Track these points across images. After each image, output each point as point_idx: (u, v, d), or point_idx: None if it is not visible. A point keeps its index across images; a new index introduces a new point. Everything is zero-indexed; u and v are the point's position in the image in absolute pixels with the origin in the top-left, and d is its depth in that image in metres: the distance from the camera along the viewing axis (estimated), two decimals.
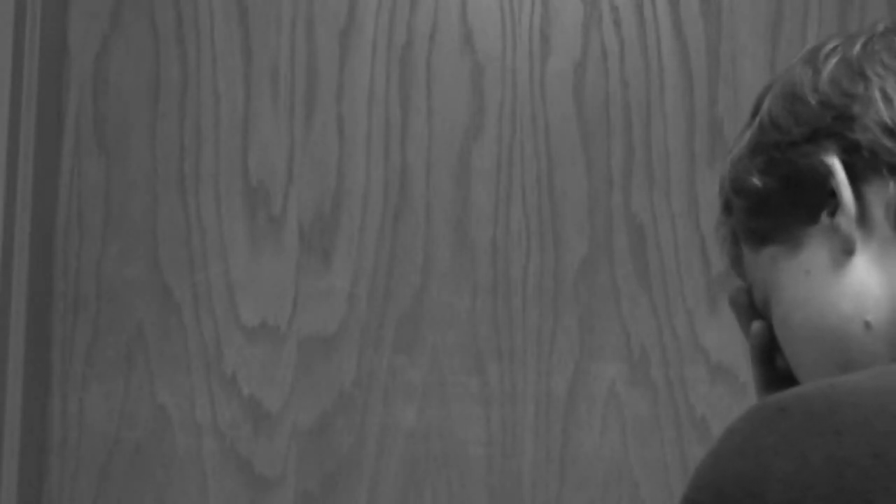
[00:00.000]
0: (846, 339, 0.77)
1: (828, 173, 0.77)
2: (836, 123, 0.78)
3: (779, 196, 0.80)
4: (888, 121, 0.76)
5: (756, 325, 0.88)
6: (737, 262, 0.89)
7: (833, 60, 0.80)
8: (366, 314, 1.54)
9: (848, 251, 0.77)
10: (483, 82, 1.57)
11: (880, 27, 0.81)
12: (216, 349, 1.54)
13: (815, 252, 0.79)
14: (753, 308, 0.89)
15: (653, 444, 1.51)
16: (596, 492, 1.50)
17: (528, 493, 1.51)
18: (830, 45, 0.82)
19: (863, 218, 0.77)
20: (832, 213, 0.78)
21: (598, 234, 1.54)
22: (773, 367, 0.90)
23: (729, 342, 1.51)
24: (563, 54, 1.57)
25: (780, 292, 0.82)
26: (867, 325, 0.76)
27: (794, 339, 0.80)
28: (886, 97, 0.77)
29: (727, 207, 0.87)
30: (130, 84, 1.59)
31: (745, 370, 1.50)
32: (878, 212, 0.76)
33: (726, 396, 1.51)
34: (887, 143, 0.76)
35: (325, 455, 1.52)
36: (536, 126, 1.56)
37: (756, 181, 0.81)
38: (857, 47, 0.80)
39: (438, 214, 1.55)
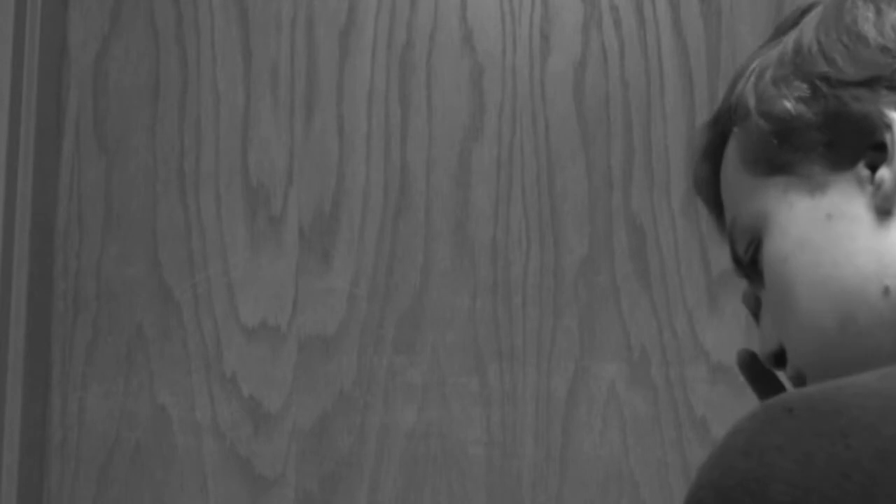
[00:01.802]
0: (858, 297, 0.74)
1: (883, 125, 0.74)
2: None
3: (814, 131, 0.77)
4: None
5: (742, 354, 0.87)
6: (705, 183, 0.86)
7: None
8: (366, 314, 1.54)
9: (886, 210, 0.74)
10: (483, 82, 1.57)
11: None
12: (216, 349, 1.54)
13: (842, 199, 0.75)
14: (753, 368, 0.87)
15: (653, 444, 1.51)
16: (596, 492, 1.50)
17: (528, 493, 1.51)
18: None
19: None
20: (872, 166, 0.75)
21: (598, 234, 1.54)
22: (771, 378, 0.89)
23: (729, 342, 1.51)
24: (563, 54, 1.57)
25: (787, 227, 0.78)
26: (886, 290, 0.73)
27: (793, 280, 0.77)
28: None
29: (724, 120, 0.83)
30: (130, 84, 1.59)
31: None
32: None
33: (726, 396, 1.51)
34: None
35: (325, 455, 1.52)
36: (536, 126, 1.56)
37: (790, 108, 0.77)
38: None
39: (438, 214, 1.55)
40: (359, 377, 1.53)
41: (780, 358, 0.83)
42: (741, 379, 1.51)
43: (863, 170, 0.75)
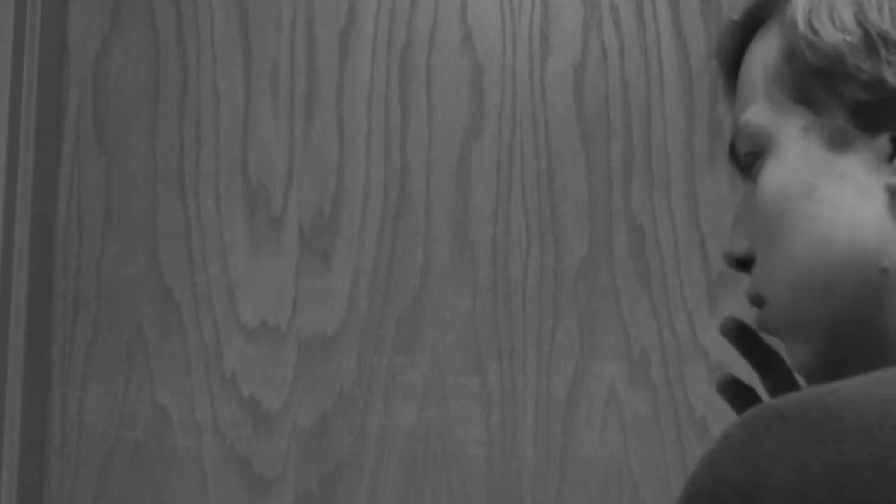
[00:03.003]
0: (851, 267, 0.73)
1: None
2: None
3: (857, 86, 0.74)
4: None
5: (726, 321, 0.86)
6: (729, 53, 0.83)
7: None
8: (366, 314, 1.54)
9: None
10: (483, 82, 1.57)
11: None
12: (216, 349, 1.54)
13: (860, 165, 0.73)
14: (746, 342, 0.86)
15: (653, 444, 1.51)
16: (596, 492, 1.50)
17: (528, 493, 1.51)
18: None
19: None
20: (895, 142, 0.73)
21: (598, 234, 1.54)
22: (765, 350, 0.88)
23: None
24: (563, 54, 1.57)
25: (797, 166, 0.76)
26: (885, 271, 0.72)
27: (788, 222, 0.76)
28: None
29: (772, 6, 0.79)
30: (130, 84, 1.59)
31: (746, 370, 1.50)
32: None
33: None
34: None
35: (325, 455, 1.52)
36: (536, 126, 1.56)
37: (842, 51, 0.74)
38: None
39: (438, 214, 1.55)
40: (359, 377, 1.53)
41: (743, 263, 0.82)
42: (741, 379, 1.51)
43: (886, 142, 0.73)
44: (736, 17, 0.82)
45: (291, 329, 1.54)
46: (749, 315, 0.86)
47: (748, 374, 1.10)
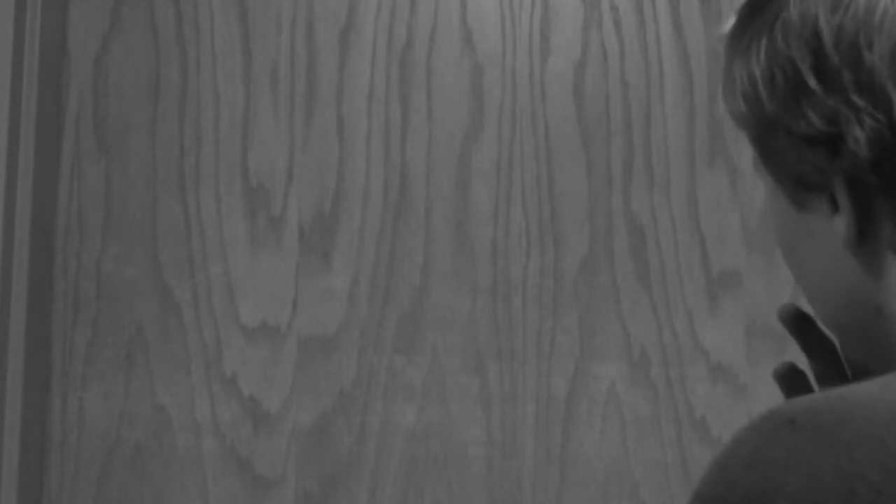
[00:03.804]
0: (854, 313, 0.74)
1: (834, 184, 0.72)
2: None
3: (789, 147, 0.72)
4: None
5: (784, 307, 0.84)
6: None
7: None
8: (366, 314, 1.54)
9: (850, 247, 0.72)
10: (483, 82, 1.57)
11: None
12: (216, 349, 1.54)
13: (819, 222, 0.73)
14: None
15: (653, 444, 1.51)
16: (596, 492, 1.50)
17: (528, 493, 1.50)
18: None
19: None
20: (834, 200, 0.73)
21: (598, 234, 1.54)
22: (818, 335, 0.86)
23: (729, 342, 1.51)
24: (563, 54, 1.57)
25: (780, 222, 0.76)
26: (879, 309, 0.72)
27: (797, 268, 0.76)
28: None
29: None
30: (130, 84, 1.59)
31: (745, 370, 1.50)
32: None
33: (726, 396, 1.51)
34: None
35: (325, 455, 1.52)
36: (536, 126, 1.56)
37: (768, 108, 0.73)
38: None
39: (438, 214, 1.55)
40: (359, 377, 1.53)
41: None
42: (741, 379, 1.51)
43: (827, 202, 0.72)
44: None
45: (291, 329, 1.54)
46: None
47: (748, 373, 1.10)
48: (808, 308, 0.81)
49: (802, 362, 0.84)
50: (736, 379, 1.50)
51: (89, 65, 1.59)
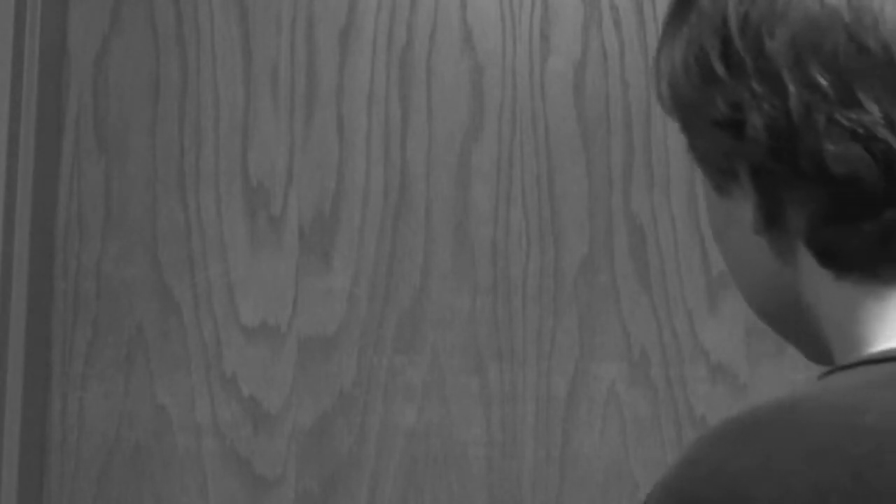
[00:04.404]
0: (779, 300, 0.74)
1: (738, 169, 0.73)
2: None
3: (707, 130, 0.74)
4: None
5: None
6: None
7: None
8: (366, 314, 1.54)
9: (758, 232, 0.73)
10: (483, 82, 1.57)
11: None
12: (216, 349, 1.54)
13: (737, 208, 0.74)
14: None
15: (653, 444, 1.51)
16: (596, 492, 1.50)
17: (528, 493, 1.51)
18: None
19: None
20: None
21: (598, 234, 1.54)
22: None
23: (729, 342, 1.51)
24: (563, 54, 1.57)
25: (709, 208, 0.77)
26: (798, 299, 0.73)
27: (725, 256, 0.77)
28: None
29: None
30: (130, 84, 1.59)
31: (745, 370, 1.50)
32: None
33: (726, 396, 1.51)
34: None
35: (325, 455, 1.52)
36: (536, 126, 1.56)
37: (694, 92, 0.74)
38: None
39: (438, 214, 1.55)
40: (359, 377, 1.53)
41: None
42: (741, 379, 1.51)
43: (741, 190, 0.73)
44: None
45: (291, 329, 1.54)
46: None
47: (748, 373, 1.10)
48: None
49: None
50: (736, 379, 1.50)
51: (89, 65, 1.59)
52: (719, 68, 0.71)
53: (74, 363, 1.54)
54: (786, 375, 1.48)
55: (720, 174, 0.73)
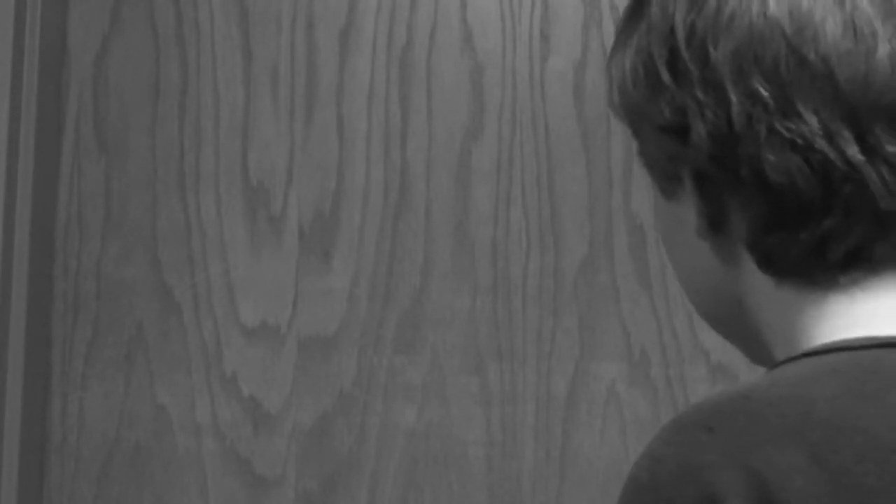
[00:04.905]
0: (720, 301, 0.76)
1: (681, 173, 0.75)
2: None
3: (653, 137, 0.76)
4: None
5: None
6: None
7: None
8: (366, 314, 1.54)
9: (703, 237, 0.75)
10: (483, 82, 1.57)
11: None
12: (216, 349, 1.54)
13: (683, 210, 0.75)
14: None
15: None
16: (596, 492, 1.50)
17: (528, 493, 1.51)
18: None
19: None
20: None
21: (598, 234, 1.54)
22: None
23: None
24: (563, 54, 1.57)
25: (657, 211, 0.79)
26: (739, 302, 0.74)
27: (670, 257, 0.79)
28: None
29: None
30: (130, 84, 1.59)
31: (746, 370, 1.50)
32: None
33: None
34: None
35: (325, 455, 1.52)
36: (536, 126, 1.56)
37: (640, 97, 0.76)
38: None
39: (438, 214, 1.55)
40: (359, 377, 1.53)
41: None
42: (741, 379, 1.51)
43: (685, 194, 0.75)
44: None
45: (291, 329, 1.54)
46: None
47: (748, 373, 1.10)
48: None
49: None
50: (736, 379, 1.50)
51: (89, 65, 1.59)
52: (665, 76, 0.73)
53: (74, 363, 1.54)
54: None
55: (666, 179, 0.75)
